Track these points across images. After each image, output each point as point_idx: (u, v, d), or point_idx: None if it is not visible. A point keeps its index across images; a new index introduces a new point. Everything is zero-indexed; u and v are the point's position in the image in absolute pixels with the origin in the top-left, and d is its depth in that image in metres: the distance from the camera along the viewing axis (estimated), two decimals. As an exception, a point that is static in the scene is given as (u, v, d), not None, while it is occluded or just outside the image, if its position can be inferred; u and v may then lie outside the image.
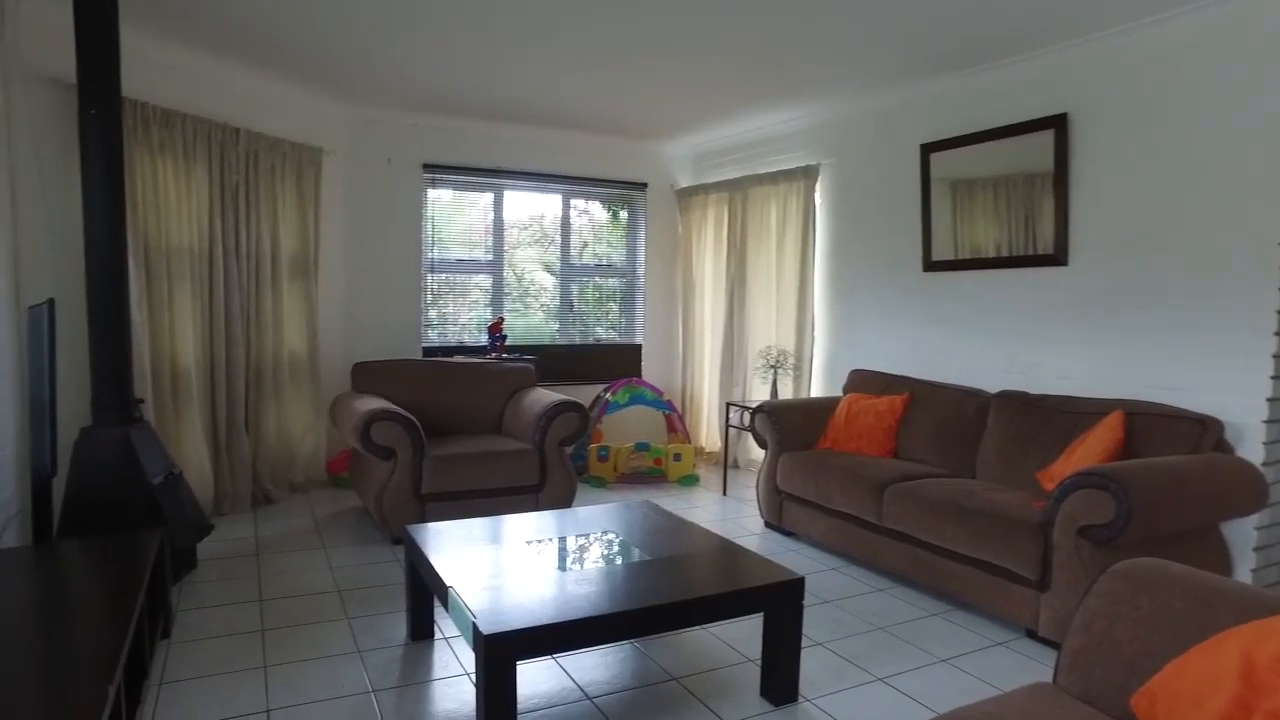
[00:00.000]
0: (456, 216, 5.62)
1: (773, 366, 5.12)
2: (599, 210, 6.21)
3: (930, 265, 4.35)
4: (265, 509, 4.42)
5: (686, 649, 2.74)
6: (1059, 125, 3.65)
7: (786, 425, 4.16)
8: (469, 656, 2.63)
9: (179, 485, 3.23)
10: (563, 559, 2.56)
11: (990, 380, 4.01)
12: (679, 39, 3.70)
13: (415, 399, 4.39)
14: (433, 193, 5.48)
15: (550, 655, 2.62)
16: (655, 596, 2.19)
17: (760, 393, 5.38)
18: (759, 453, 5.53)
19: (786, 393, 5.23)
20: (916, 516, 3.24)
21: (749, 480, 5.31)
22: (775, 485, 4.13)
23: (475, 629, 1.97)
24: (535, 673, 2.54)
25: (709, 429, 6.06)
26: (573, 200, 6.02)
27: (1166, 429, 3.02)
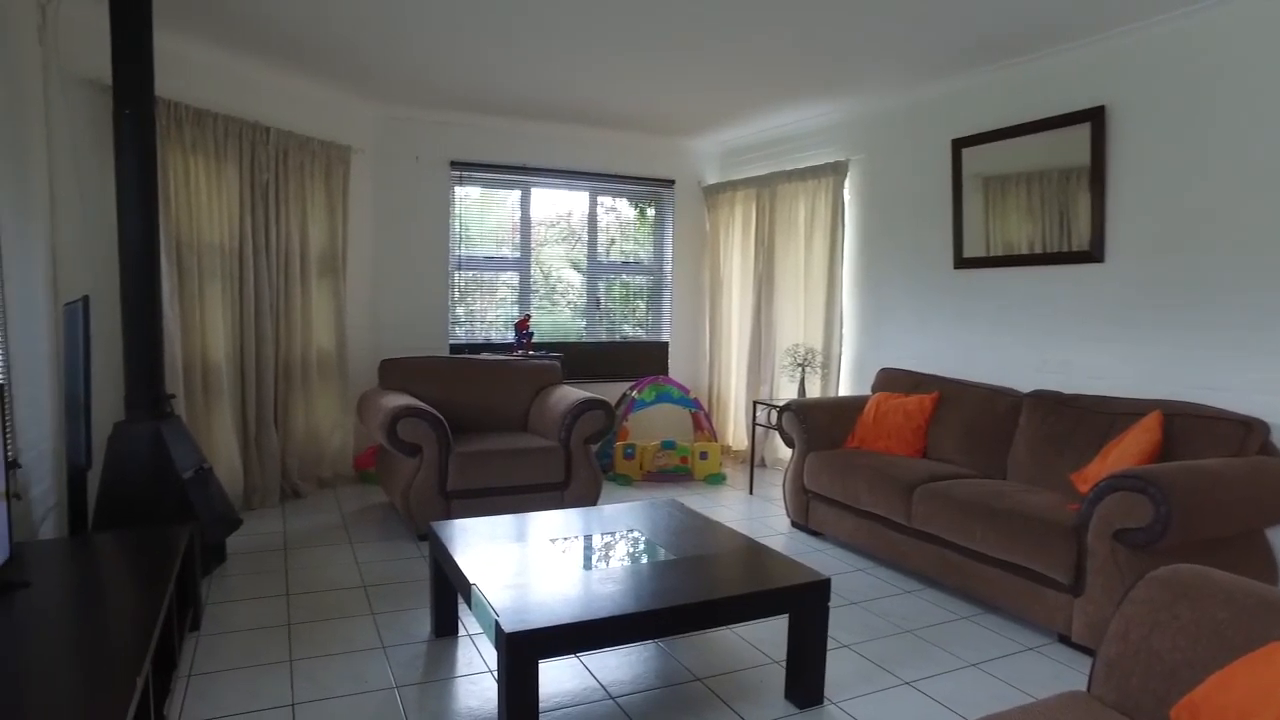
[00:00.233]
0: (484, 214, 5.64)
1: (800, 364, 5.07)
2: (626, 207, 6.20)
3: (961, 262, 4.27)
4: (294, 504, 4.48)
5: (711, 649, 2.72)
6: (1096, 118, 3.56)
7: (814, 424, 4.11)
8: (492, 654, 2.63)
9: (209, 480, 3.29)
10: (587, 557, 2.55)
11: (1021, 379, 3.94)
12: (711, 39, 3.68)
13: (441, 396, 4.42)
14: (460, 190, 5.50)
15: (573, 654, 2.61)
16: (679, 596, 2.17)
17: (788, 391, 5.33)
18: (786, 452, 5.50)
19: (814, 391, 5.18)
20: (946, 517, 3.19)
21: (775, 479, 5.27)
22: (802, 484, 4.09)
23: (498, 627, 1.96)
24: (558, 671, 2.53)
25: (735, 427, 6.02)
26: (600, 197, 6.01)
27: (1207, 430, 2.93)
